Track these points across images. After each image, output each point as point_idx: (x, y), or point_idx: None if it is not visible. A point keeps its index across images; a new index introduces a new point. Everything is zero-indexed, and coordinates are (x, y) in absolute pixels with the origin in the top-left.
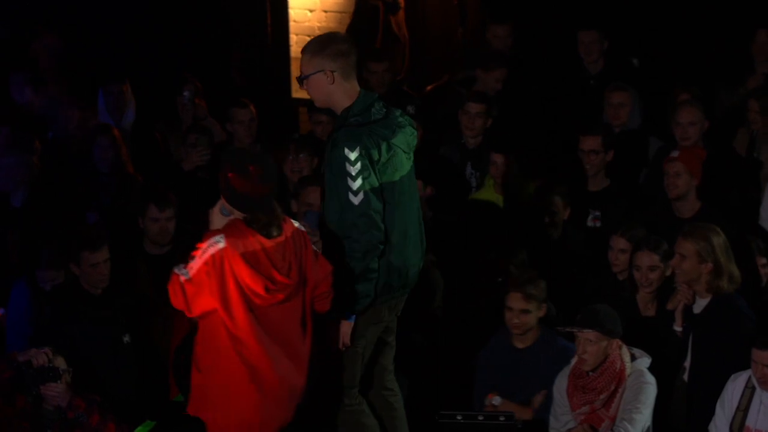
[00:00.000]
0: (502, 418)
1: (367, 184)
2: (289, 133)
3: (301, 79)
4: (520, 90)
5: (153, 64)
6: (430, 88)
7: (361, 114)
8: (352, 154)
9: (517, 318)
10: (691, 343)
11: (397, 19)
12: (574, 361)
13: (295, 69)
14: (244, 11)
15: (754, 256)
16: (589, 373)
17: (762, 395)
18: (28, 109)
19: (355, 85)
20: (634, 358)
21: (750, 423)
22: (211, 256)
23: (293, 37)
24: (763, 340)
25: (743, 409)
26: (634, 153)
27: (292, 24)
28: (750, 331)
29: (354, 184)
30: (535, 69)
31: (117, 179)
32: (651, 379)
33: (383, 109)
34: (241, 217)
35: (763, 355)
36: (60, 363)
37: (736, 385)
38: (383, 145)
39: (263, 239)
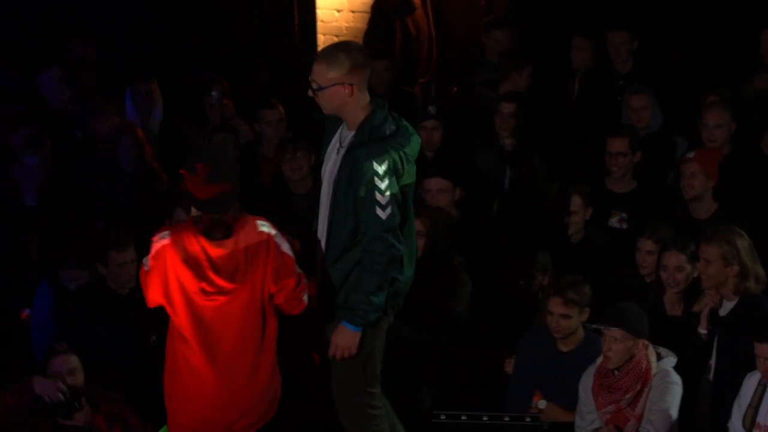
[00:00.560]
0: (528, 420)
1: (394, 199)
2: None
3: (316, 90)
4: (547, 90)
5: (181, 63)
6: (457, 89)
7: (381, 127)
8: (381, 168)
9: (558, 322)
10: (716, 344)
11: (415, 19)
12: (599, 360)
13: None
14: (271, 11)
15: None
16: (615, 372)
17: None
18: (56, 107)
19: (367, 95)
20: (660, 358)
21: (760, 420)
22: (156, 251)
23: (320, 37)
24: (766, 333)
25: (755, 406)
26: (661, 155)
27: (319, 24)
28: None
29: (383, 199)
30: (562, 69)
31: (140, 178)
32: (677, 379)
33: (392, 118)
34: (193, 215)
35: (764, 348)
36: (74, 362)
37: (751, 382)
38: (404, 157)
39: (205, 240)
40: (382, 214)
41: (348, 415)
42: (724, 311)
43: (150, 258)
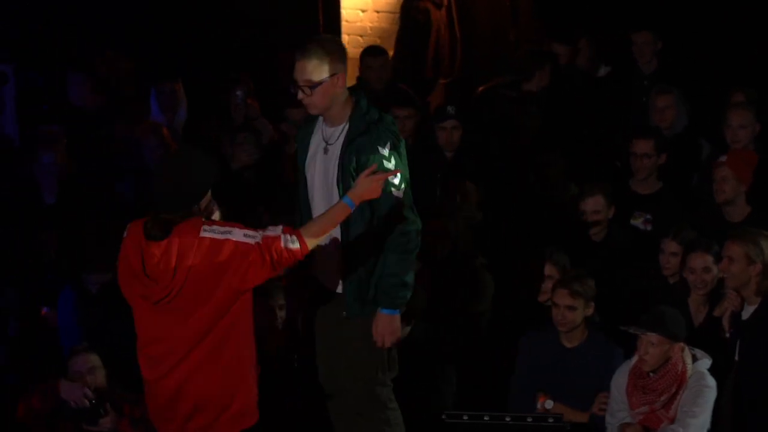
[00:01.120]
0: (551, 420)
1: (403, 176)
2: None
3: (312, 88)
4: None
5: (206, 63)
6: (481, 90)
7: (369, 112)
8: (386, 150)
9: (562, 315)
10: (738, 348)
11: (441, 19)
12: (634, 360)
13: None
14: (296, 12)
15: None
16: (650, 374)
17: None
18: (83, 109)
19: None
20: (695, 360)
21: None
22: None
23: (345, 38)
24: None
25: None
26: (686, 156)
27: (343, 24)
28: None
29: (396, 179)
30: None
31: None
32: (711, 382)
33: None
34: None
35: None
36: (94, 361)
37: None
38: (398, 135)
39: (143, 238)
40: (399, 194)
41: (369, 415)
42: (746, 314)
43: None
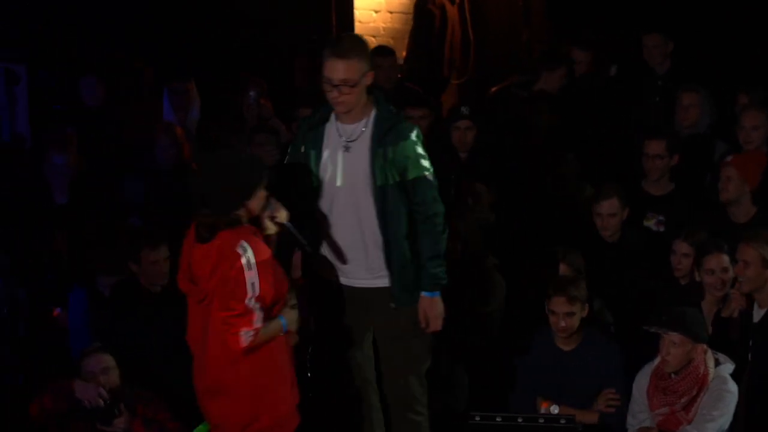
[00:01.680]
0: (563, 421)
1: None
2: None
3: (352, 86)
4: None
5: (219, 63)
6: (494, 90)
7: (391, 107)
8: (414, 135)
9: (563, 321)
10: (750, 350)
11: (454, 19)
12: (657, 361)
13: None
14: (309, 12)
15: None
16: (672, 375)
17: None
18: (95, 109)
19: None
20: (718, 364)
21: None
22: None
23: None
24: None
25: None
26: (699, 157)
27: (357, 25)
28: None
29: (427, 162)
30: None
31: (176, 177)
32: (733, 387)
33: None
34: None
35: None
36: (107, 361)
37: None
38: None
39: (194, 238)
40: (431, 177)
41: (414, 407)
42: (757, 317)
43: None
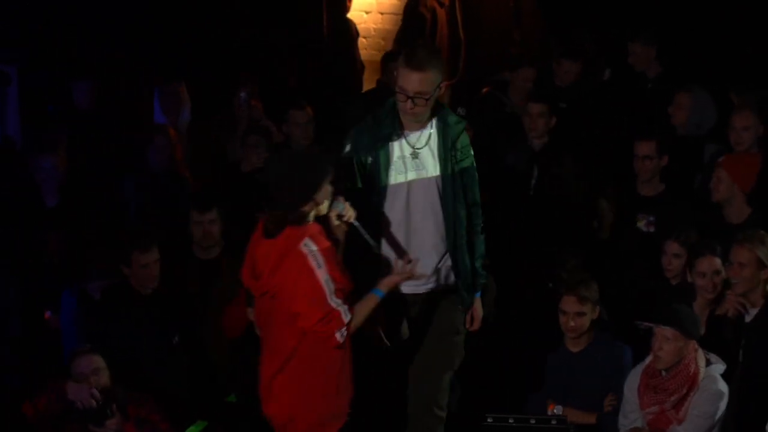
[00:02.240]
0: (554, 422)
1: None
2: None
3: (428, 99)
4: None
5: (209, 64)
6: (485, 91)
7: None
8: (464, 127)
9: (573, 321)
10: (742, 350)
11: (444, 20)
12: (648, 360)
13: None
14: (300, 13)
15: None
16: (663, 373)
17: None
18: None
19: None
20: (709, 363)
21: None
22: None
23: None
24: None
25: None
26: (689, 158)
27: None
28: None
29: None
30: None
31: (167, 179)
32: (723, 388)
33: None
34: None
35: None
36: (98, 362)
37: None
38: None
39: (261, 233)
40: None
41: (443, 404)
42: (749, 317)
43: None
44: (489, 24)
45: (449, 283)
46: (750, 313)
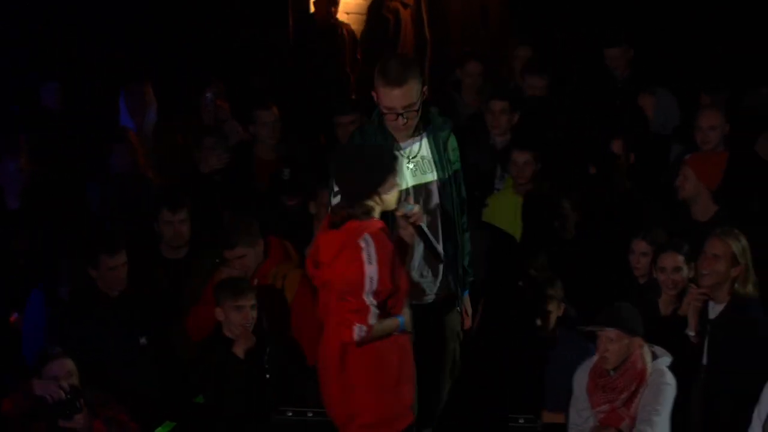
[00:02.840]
0: (521, 421)
1: None
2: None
3: (415, 109)
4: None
5: (175, 65)
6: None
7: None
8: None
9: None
10: (707, 347)
11: (406, 18)
12: (594, 359)
13: None
14: (265, 12)
15: None
16: (611, 372)
17: None
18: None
19: None
20: (655, 357)
21: None
22: None
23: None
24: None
25: None
26: (655, 157)
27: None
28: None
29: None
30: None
31: (131, 181)
32: (671, 380)
33: None
34: None
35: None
36: (70, 366)
37: None
38: None
39: (325, 224)
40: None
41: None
42: (713, 314)
43: None
44: (456, 23)
45: (449, 287)
46: (714, 309)
